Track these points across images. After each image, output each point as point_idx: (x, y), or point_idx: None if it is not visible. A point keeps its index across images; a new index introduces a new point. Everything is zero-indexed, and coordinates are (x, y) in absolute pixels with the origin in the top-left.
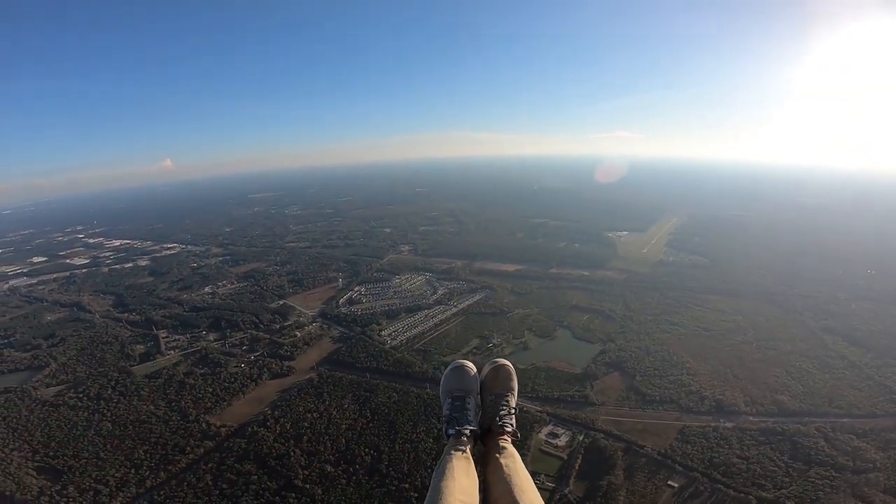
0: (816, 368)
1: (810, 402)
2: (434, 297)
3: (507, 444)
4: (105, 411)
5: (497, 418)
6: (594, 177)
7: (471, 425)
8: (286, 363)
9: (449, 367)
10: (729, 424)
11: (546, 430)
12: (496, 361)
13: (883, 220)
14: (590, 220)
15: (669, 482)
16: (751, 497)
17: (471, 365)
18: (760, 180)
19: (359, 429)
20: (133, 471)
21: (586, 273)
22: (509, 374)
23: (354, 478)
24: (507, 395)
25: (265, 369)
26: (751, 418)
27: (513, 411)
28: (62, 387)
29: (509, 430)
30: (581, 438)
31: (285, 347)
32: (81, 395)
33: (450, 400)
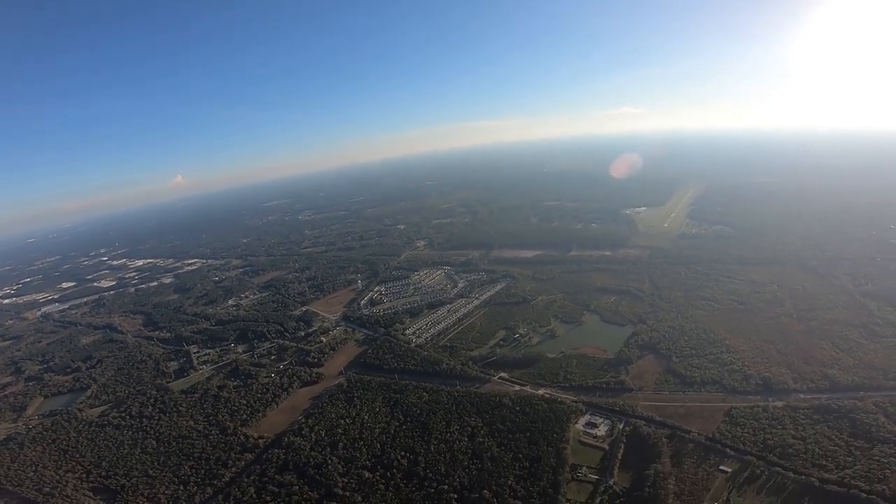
0: (864, 338)
1: (863, 375)
2: (455, 290)
3: None
4: (148, 429)
5: None
6: (605, 155)
7: None
8: (315, 370)
9: None
10: (779, 403)
11: (583, 420)
12: None
13: None
14: (605, 198)
15: (721, 467)
16: (813, 479)
17: None
18: (774, 146)
19: (392, 431)
20: (182, 487)
21: (608, 253)
22: None
23: (392, 482)
24: None
25: (295, 378)
26: (801, 396)
27: None
28: (105, 407)
29: None
30: (621, 427)
31: (312, 354)
32: (124, 414)
33: None
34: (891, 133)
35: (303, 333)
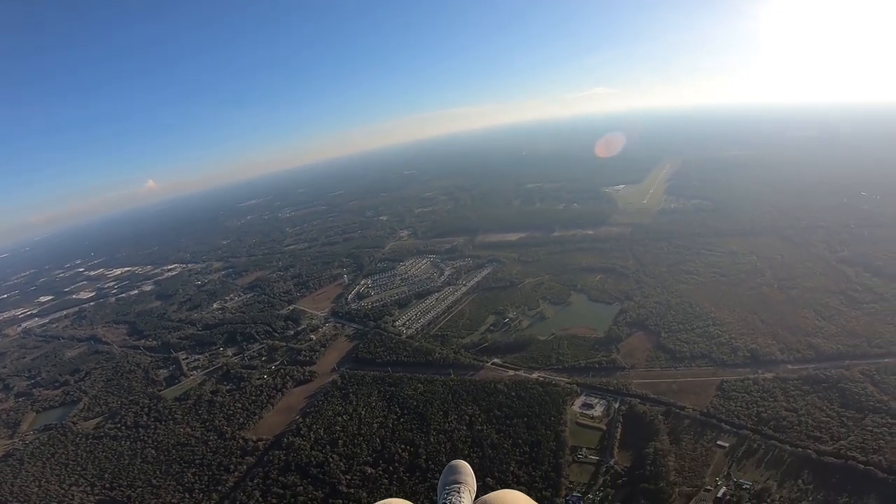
0: (845, 305)
1: (847, 343)
2: (442, 278)
3: None
4: (146, 438)
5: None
6: (579, 136)
7: None
8: (307, 368)
9: (446, 467)
10: (768, 375)
11: (579, 401)
12: (451, 463)
13: (873, 147)
14: (584, 178)
15: (719, 442)
16: (809, 451)
17: (460, 462)
18: (746, 121)
19: (390, 425)
20: (187, 495)
21: (590, 232)
22: (454, 469)
23: (395, 476)
24: (456, 486)
25: (288, 377)
26: (789, 366)
27: (462, 500)
28: (99, 419)
29: None
30: (617, 406)
31: (303, 353)
32: (119, 425)
33: (445, 493)
34: (853, 104)
35: (292, 332)
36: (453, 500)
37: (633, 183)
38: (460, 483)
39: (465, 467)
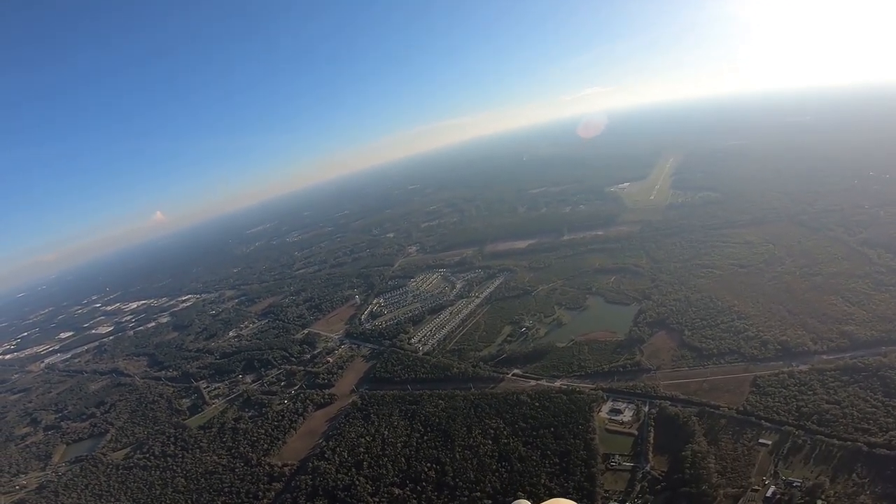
0: (872, 289)
1: (881, 329)
2: (454, 292)
3: None
4: (175, 468)
5: None
6: (578, 135)
7: None
8: (326, 391)
9: None
10: (803, 367)
11: (606, 407)
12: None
13: (870, 128)
14: (588, 178)
15: (761, 440)
16: (859, 443)
17: (522, 500)
18: (743, 109)
19: (414, 444)
20: None
21: (600, 233)
22: None
23: (424, 495)
24: None
25: (308, 401)
26: (824, 357)
27: None
28: (127, 449)
29: None
30: (647, 410)
31: (321, 376)
32: (148, 455)
33: None
34: (841, 87)
35: (308, 356)
36: None
37: (638, 180)
38: None
39: None
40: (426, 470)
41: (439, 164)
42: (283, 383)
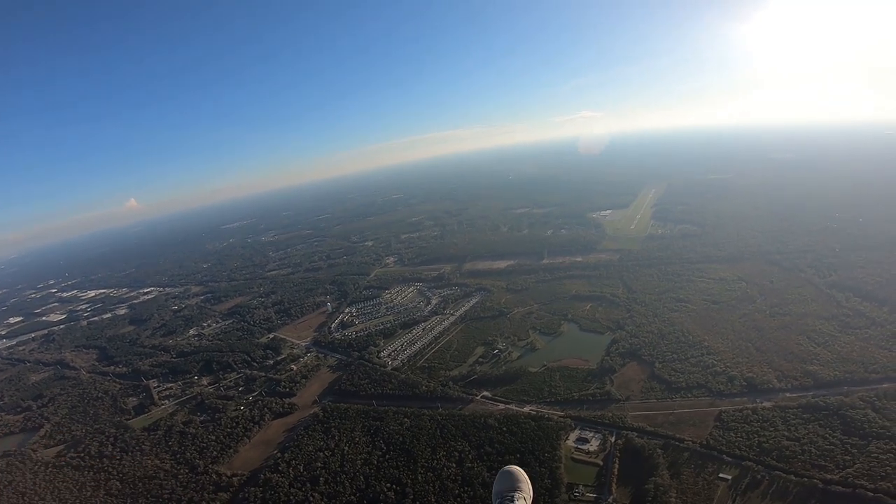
0: (838, 330)
1: (844, 370)
2: (429, 307)
3: None
4: (110, 469)
5: None
6: (566, 160)
7: None
8: (287, 400)
9: (499, 473)
10: (767, 404)
11: (574, 435)
12: (503, 468)
13: (851, 169)
14: (571, 203)
15: (721, 475)
16: (815, 480)
17: (514, 467)
18: (732, 143)
19: (375, 462)
20: None
21: (579, 259)
22: (511, 475)
23: None
24: (512, 493)
25: (266, 409)
26: (788, 394)
27: None
28: (61, 447)
29: None
30: (613, 440)
31: (283, 383)
32: (83, 454)
33: (499, 500)
34: (827, 124)
35: (271, 362)
36: None
37: (620, 208)
38: (515, 490)
39: (521, 474)
40: (385, 490)
41: (427, 175)
42: (241, 388)
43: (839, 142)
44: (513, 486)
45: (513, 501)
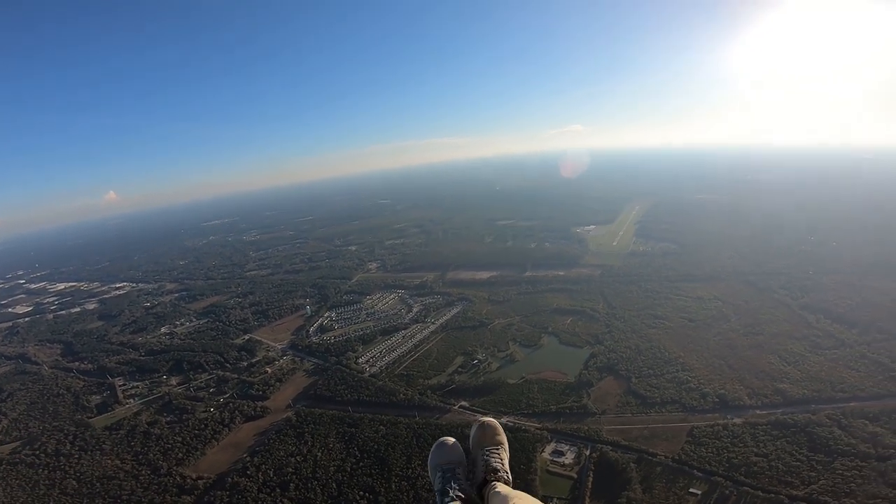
0: (808, 350)
1: (812, 388)
2: (409, 315)
3: (500, 486)
4: (67, 468)
5: (487, 469)
6: (553, 173)
7: (463, 489)
8: (259, 403)
9: (434, 445)
10: (737, 420)
11: (549, 448)
12: (480, 420)
13: (831, 191)
14: (556, 217)
15: (691, 489)
16: (781, 496)
17: (453, 439)
18: (716, 163)
19: (348, 469)
20: None
21: (561, 273)
22: (495, 429)
23: None
24: (496, 448)
25: (237, 412)
26: (758, 411)
27: (503, 462)
28: (16, 444)
29: (500, 474)
30: (588, 453)
31: (256, 386)
32: (39, 452)
33: (440, 473)
34: (810, 148)
35: (245, 364)
36: (495, 465)
37: (604, 223)
38: (500, 445)
39: (500, 427)
40: (358, 498)
41: (416, 181)
42: (212, 390)
43: (820, 165)
44: (499, 440)
45: (499, 455)
